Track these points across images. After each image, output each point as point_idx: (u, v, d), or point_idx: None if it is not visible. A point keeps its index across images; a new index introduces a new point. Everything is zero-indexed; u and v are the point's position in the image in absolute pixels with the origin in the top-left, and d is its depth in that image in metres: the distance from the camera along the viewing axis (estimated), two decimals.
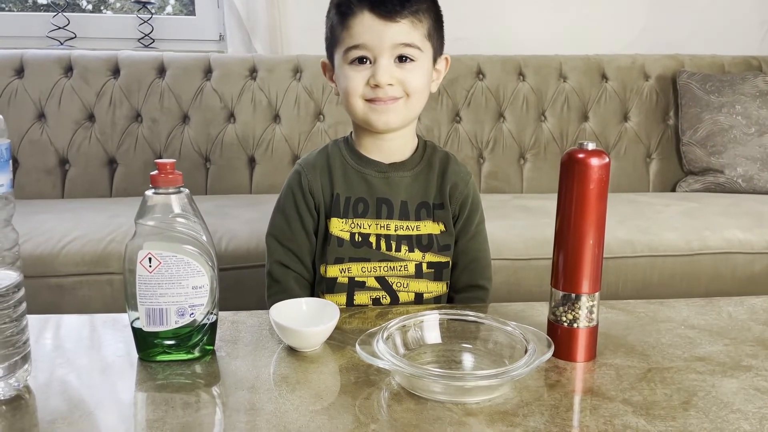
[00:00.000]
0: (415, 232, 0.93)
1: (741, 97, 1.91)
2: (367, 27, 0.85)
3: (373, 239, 0.92)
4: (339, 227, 0.92)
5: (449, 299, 0.98)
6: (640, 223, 1.48)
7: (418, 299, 0.94)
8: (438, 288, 0.95)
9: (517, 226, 1.45)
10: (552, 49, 2.09)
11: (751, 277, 1.41)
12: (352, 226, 0.92)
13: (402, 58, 0.87)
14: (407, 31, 0.86)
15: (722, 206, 1.64)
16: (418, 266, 0.93)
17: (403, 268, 0.93)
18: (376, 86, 0.86)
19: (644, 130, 2.02)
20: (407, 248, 0.92)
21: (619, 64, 2.05)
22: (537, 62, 2.03)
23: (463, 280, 0.98)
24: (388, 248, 0.92)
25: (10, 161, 0.59)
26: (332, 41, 0.91)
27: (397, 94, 0.87)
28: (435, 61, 0.93)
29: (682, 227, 1.46)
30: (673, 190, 1.99)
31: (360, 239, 0.92)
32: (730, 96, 1.91)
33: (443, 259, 0.94)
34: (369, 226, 0.92)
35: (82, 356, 0.71)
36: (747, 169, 1.86)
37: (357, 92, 0.87)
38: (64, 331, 0.79)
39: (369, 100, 0.88)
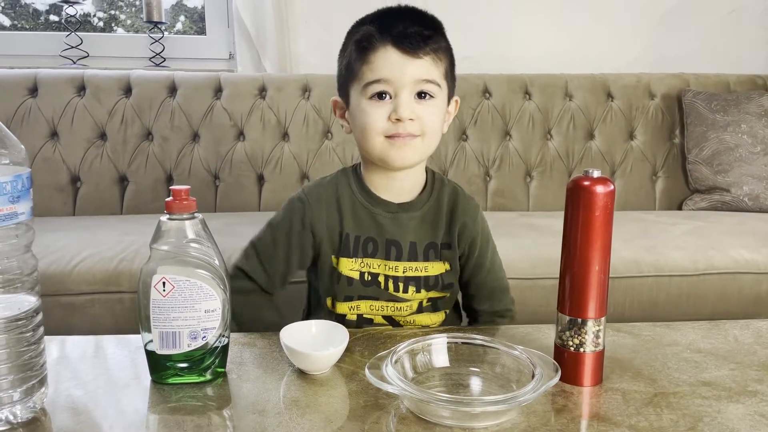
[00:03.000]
0: (423, 273, 0.93)
1: (746, 116, 1.92)
2: (389, 62, 0.85)
3: (381, 279, 0.92)
4: (349, 266, 0.92)
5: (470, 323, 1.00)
6: (646, 243, 1.48)
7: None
8: (439, 318, 0.97)
9: (523, 245, 1.46)
10: (558, 68, 2.11)
11: (758, 298, 1.41)
12: (362, 265, 0.92)
13: (422, 95, 0.87)
14: (428, 67, 0.86)
15: (728, 225, 1.65)
16: (420, 304, 0.94)
17: (408, 308, 0.94)
18: (398, 120, 0.85)
19: (650, 148, 2.03)
20: (414, 289, 0.93)
21: (625, 82, 2.06)
22: (543, 81, 2.05)
23: (487, 309, 0.99)
24: (396, 289, 0.92)
25: (31, 190, 0.61)
26: (348, 78, 0.90)
27: (416, 132, 0.87)
28: (448, 101, 0.93)
29: (688, 247, 1.46)
30: (680, 208, 1.99)
31: (369, 278, 0.92)
32: (736, 115, 1.92)
33: (441, 295, 0.95)
34: (378, 266, 0.92)
35: (96, 378, 0.72)
36: (753, 187, 1.87)
37: (377, 128, 0.86)
38: (78, 352, 0.81)
39: (388, 137, 0.87)
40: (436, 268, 0.94)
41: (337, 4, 0.92)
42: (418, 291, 0.93)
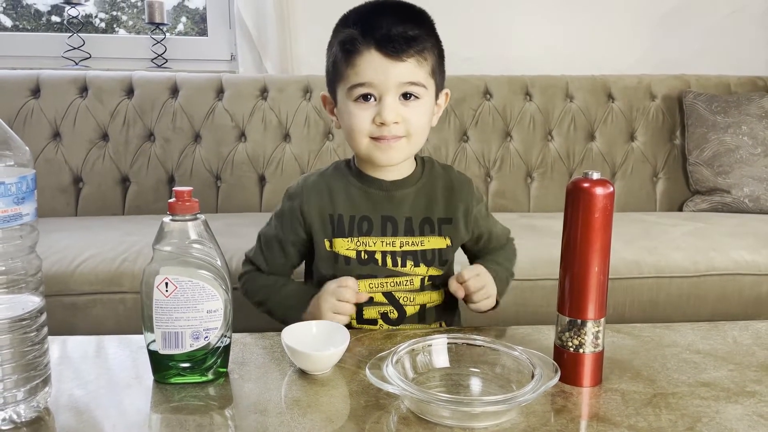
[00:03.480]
0: (419, 248, 0.94)
1: (747, 117, 1.92)
2: (373, 65, 0.85)
3: (378, 256, 0.94)
4: (345, 246, 0.94)
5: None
6: (646, 244, 1.48)
7: (422, 309, 0.96)
8: (439, 297, 0.98)
9: (524, 246, 1.44)
10: (558, 69, 2.11)
11: (759, 299, 1.42)
12: (358, 244, 0.94)
13: (407, 96, 0.87)
14: (413, 69, 0.86)
15: (729, 227, 1.65)
16: (422, 280, 0.95)
17: (408, 283, 0.94)
18: (382, 124, 0.87)
19: (651, 149, 2.03)
20: (413, 263, 0.94)
21: (626, 84, 2.07)
22: (543, 82, 2.05)
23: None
24: (394, 264, 0.94)
25: (35, 191, 0.61)
26: (335, 76, 0.91)
27: (400, 133, 0.88)
28: (437, 96, 0.93)
29: (688, 248, 1.47)
30: (680, 209, 2.00)
31: (366, 257, 0.94)
32: (737, 116, 1.93)
33: (440, 272, 0.96)
34: (374, 244, 0.94)
35: (99, 377, 0.73)
36: (754, 189, 1.87)
37: (362, 131, 0.88)
38: (80, 352, 0.81)
39: (374, 138, 0.89)
40: (432, 243, 0.95)
41: (339, 5, 0.91)
42: (416, 265, 0.94)
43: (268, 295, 0.98)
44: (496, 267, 1.00)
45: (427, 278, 0.95)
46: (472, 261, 1.06)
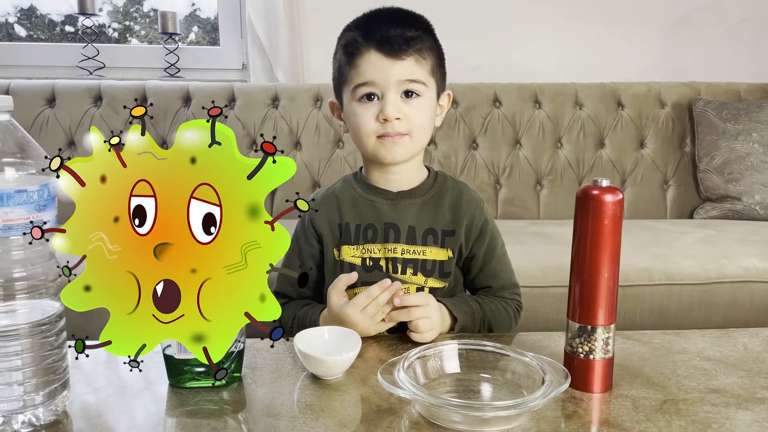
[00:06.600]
0: (420, 257, 0.96)
1: (757, 124, 1.92)
2: (374, 65, 0.90)
3: (383, 263, 0.96)
4: (351, 254, 0.96)
5: None
6: (657, 251, 1.48)
7: None
8: None
9: (534, 253, 1.46)
10: (568, 76, 2.12)
11: None
12: (363, 251, 0.96)
13: (408, 93, 0.91)
14: (412, 68, 0.90)
15: (740, 234, 1.65)
16: (420, 289, 0.95)
17: (406, 291, 0.95)
18: (385, 121, 0.90)
19: (661, 157, 2.03)
20: (412, 272, 0.95)
21: (635, 91, 2.07)
22: (553, 90, 2.06)
23: (494, 293, 1.00)
24: (395, 271, 0.95)
25: (56, 199, 0.63)
26: (340, 80, 0.95)
27: (403, 131, 0.91)
28: (438, 96, 0.97)
29: (699, 255, 1.47)
30: (691, 216, 1.99)
31: (371, 263, 0.96)
32: (747, 123, 1.93)
33: (441, 285, 0.97)
34: (378, 251, 0.96)
35: (116, 382, 0.74)
36: (765, 196, 1.86)
37: (368, 129, 0.92)
38: (95, 357, 0.82)
39: (379, 137, 0.92)
40: (434, 254, 0.96)
41: (349, 14, 0.94)
42: (414, 273, 0.95)
43: (294, 323, 0.95)
44: (471, 302, 0.95)
45: (427, 290, 0.96)
46: (466, 287, 1.03)
